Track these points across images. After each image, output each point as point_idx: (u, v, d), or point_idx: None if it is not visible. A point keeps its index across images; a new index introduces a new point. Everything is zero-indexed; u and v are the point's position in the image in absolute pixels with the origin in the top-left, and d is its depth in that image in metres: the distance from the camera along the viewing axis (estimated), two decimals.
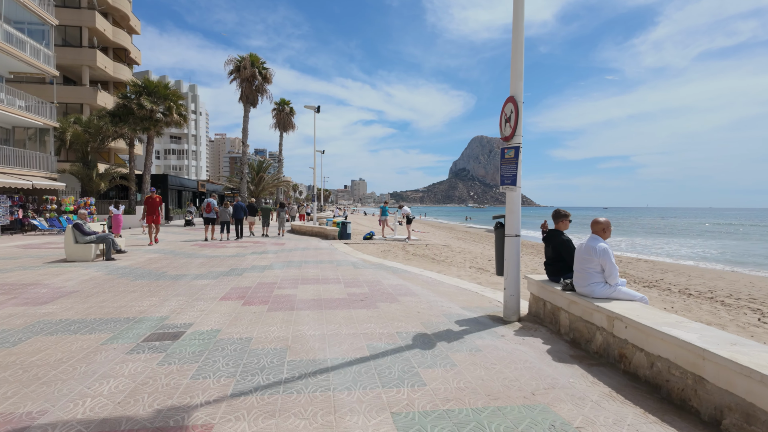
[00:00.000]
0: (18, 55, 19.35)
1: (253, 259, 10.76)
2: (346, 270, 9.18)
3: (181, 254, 11.81)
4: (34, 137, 22.42)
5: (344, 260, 10.79)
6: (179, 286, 7.25)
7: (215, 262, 10.14)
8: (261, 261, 10.48)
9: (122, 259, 10.68)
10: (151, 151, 25.76)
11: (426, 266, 10.64)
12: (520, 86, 5.15)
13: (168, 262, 10.21)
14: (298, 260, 10.70)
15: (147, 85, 24.72)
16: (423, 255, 13.20)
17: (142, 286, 7.23)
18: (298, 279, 8.01)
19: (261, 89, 29.25)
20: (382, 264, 10.21)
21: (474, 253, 15.19)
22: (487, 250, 17.37)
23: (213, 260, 10.53)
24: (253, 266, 9.58)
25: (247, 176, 31.98)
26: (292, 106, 48.78)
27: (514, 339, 4.53)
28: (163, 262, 10.05)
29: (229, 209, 17.54)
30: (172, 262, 10.08)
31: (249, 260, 10.60)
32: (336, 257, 11.38)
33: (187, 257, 11.11)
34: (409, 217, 18.06)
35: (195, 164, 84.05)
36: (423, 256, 13.02)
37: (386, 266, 9.84)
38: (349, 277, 8.23)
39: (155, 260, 10.41)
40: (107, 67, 31.34)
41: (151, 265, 9.67)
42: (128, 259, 10.57)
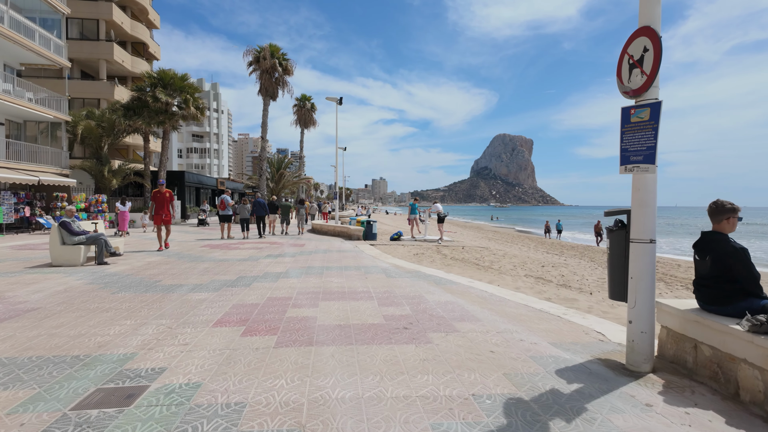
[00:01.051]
0: (26, 44, 18.37)
1: (267, 264, 9.18)
2: (377, 279, 7.49)
3: (186, 257, 10.34)
4: (45, 132, 21.53)
5: (373, 266, 9.11)
6: (168, 301, 5.69)
7: (222, 268, 8.60)
8: (276, 267, 8.89)
9: (117, 262, 9.26)
10: (166, 147, 24.66)
11: (472, 274, 8.87)
12: (658, 11, 3.35)
13: (167, 267, 8.72)
14: (319, 266, 9.08)
15: (162, 77, 23.61)
16: (463, 259, 11.41)
17: (122, 301, 5.69)
18: (318, 292, 6.36)
19: (281, 81, 27.85)
20: (418, 271, 8.48)
21: (520, 257, 13.29)
22: (533, 253, 15.43)
23: (220, 265, 9.00)
24: (265, 274, 7.99)
25: (266, 173, 30.69)
26: (313, 102, 47.58)
27: (670, 412, 2.74)
28: (161, 268, 8.56)
29: (248, 206, 16.55)
30: (172, 268, 8.58)
31: (262, 265, 9.02)
32: (363, 262, 9.71)
33: (191, 261, 9.61)
34: (440, 215, 16.27)
35: (217, 163, 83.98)
36: (463, 260, 11.23)
37: (425, 274, 8.11)
38: (382, 290, 6.53)
39: (153, 265, 8.93)
40: (125, 62, 30.51)
41: (145, 271, 8.18)
42: (123, 263, 9.13)
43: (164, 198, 11.79)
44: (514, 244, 21.85)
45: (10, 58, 19.83)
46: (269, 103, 28.01)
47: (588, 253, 19.36)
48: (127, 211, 18.43)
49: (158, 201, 11.77)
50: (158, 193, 11.91)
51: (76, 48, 28.95)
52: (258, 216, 16.50)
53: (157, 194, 11.90)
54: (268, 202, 18.19)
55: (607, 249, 3.91)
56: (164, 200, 11.76)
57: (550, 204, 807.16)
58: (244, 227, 16.57)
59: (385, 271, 8.49)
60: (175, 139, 77.73)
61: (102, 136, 22.56)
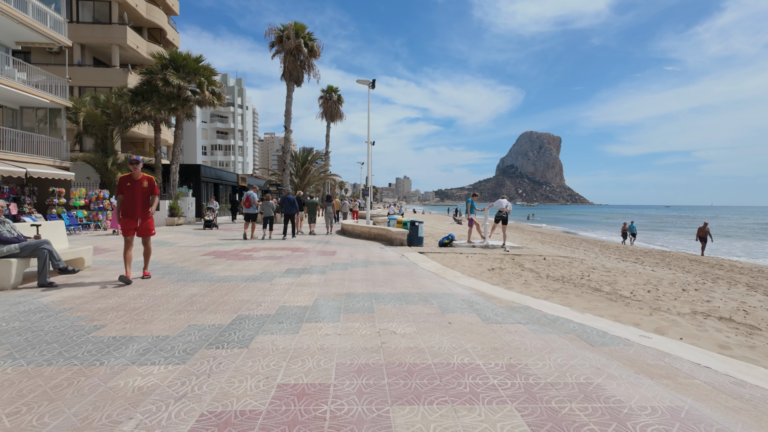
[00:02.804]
0: (15, 15, 15.91)
1: (285, 289, 6.09)
2: (470, 329, 4.28)
3: (173, 273, 7.37)
4: (44, 120, 19.18)
5: (446, 294, 5.89)
6: (71, 397, 2.61)
7: (215, 297, 5.55)
8: (297, 295, 5.78)
9: (69, 282, 6.34)
10: (179, 137, 22.06)
11: (614, 312, 5.54)
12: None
13: (133, 295, 5.72)
14: (364, 292, 5.93)
15: (174, 58, 20.98)
16: (567, 280, 8.02)
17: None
18: (377, 368, 3.20)
19: (307, 64, 24.89)
20: (527, 307, 5.22)
21: (630, 272, 9.68)
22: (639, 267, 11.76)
23: (215, 291, 5.95)
24: (280, 311, 4.89)
25: (290, 167, 27.86)
26: (340, 94, 44.88)
27: None
28: (122, 297, 5.56)
29: (271, 203, 14.53)
30: (140, 296, 5.58)
31: (277, 291, 5.94)
32: (426, 285, 6.51)
33: (176, 281, 6.61)
34: (503, 215, 12.92)
35: (242, 160, 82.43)
36: (570, 282, 7.83)
37: (546, 316, 4.84)
38: (503, 366, 3.31)
39: (114, 291, 5.95)
40: (139, 47, 28.20)
41: (93, 304, 5.19)
42: (74, 286, 6.19)
43: (139, 189, 6.61)
44: (589, 250, 18.22)
45: (3, 35, 17.49)
46: (293, 88, 25.09)
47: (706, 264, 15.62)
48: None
49: (129, 194, 6.58)
50: (128, 180, 6.59)
51: (87, 32, 26.83)
52: (287, 215, 14.94)
53: (127, 183, 6.56)
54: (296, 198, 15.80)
55: None
56: (139, 193, 6.61)
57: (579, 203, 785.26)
58: (267, 225, 14.79)
59: (472, 305, 5.26)
60: (199, 136, 76.46)
61: (108, 125, 20.09)
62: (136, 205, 6.62)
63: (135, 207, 6.62)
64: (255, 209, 14.60)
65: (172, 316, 4.63)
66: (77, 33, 26.56)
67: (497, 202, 13.12)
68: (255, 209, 14.60)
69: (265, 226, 14.84)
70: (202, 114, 77.43)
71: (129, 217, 6.62)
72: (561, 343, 3.89)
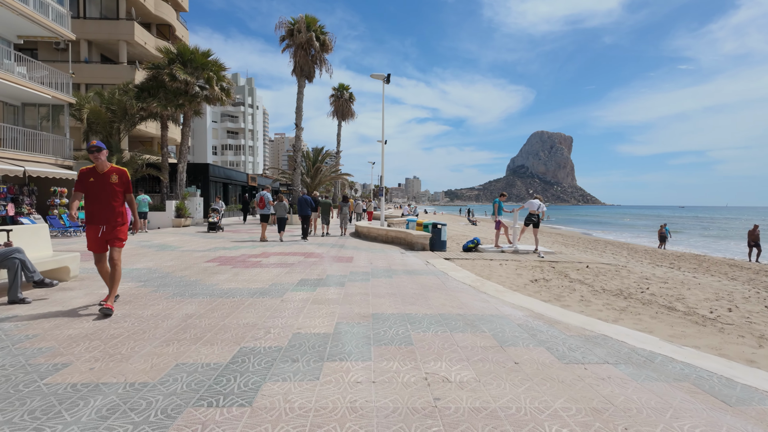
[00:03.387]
0: (14, 6, 15.14)
1: (298, 308, 5.07)
2: (547, 372, 3.22)
3: (170, 284, 6.40)
4: (47, 117, 18.46)
5: (496, 317, 4.83)
6: None
7: (214, 320, 4.55)
8: (313, 316, 4.76)
9: (48, 298, 5.39)
10: (187, 134, 21.23)
11: (712, 342, 4.43)
12: None
13: (117, 316, 4.75)
14: (393, 313, 4.89)
15: (181, 53, 20.14)
16: (630, 294, 6.88)
17: None
18: None
19: (318, 59, 23.91)
20: (605, 337, 4.13)
21: (687, 283, 8.50)
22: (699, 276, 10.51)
23: (216, 309, 4.96)
24: (293, 340, 3.87)
25: (301, 166, 26.95)
26: (352, 92, 43.99)
27: None
28: (104, 319, 4.58)
29: (285, 204, 14.00)
30: (123, 319, 4.61)
31: (289, 311, 4.92)
32: (467, 303, 5.44)
33: (171, 296, 5.62)
34: (534, 218, 11.81)
35: (252, 160, 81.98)
36: (632, 296, 6.69)
37: (636, 351, 3.74)
38: None
39: (96, 312, 4.98)
40: (147, 44, 27.48)
41: (69, 326, 4.22)
42: (54, 300, 5.24)
43: (106, 186, 4.83)
44: (618, 254, 16.98)
45: (3, 28, 16.77)
46: (305, 84, 24.15)
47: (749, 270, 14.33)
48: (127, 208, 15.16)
49: (93, 193, 4.82)
50: (91, 174, 4.84)
51: (94, 28, 26.18)
52: (303, 215, 14.45)
53: (89, 177, 4.83)
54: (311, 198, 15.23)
55: None
56: (106, 191, 4.83)
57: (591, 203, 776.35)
58: (281, 227, 14.23)
59: (534, 333, 4.19)
60: (209, 136, 76.12)
61: (113, 122, 19.31)
62: (102, 207, 4.82)
63: (101, 210, 4.82)
64: (269, 210, 14.20)
65: (158, 348, 3.63)
66: (84, 29, 25.91)
67: (528, 203, 12.00)
68: (269, 210, 14.20)
69: (279, 228, 14.21)
70: (212, 114, 77.13)
71: (92, 223, 4.84)
72: (681, 398, 2.81)
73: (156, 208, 19.75)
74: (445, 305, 5.28)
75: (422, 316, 4.77)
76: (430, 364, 3.33)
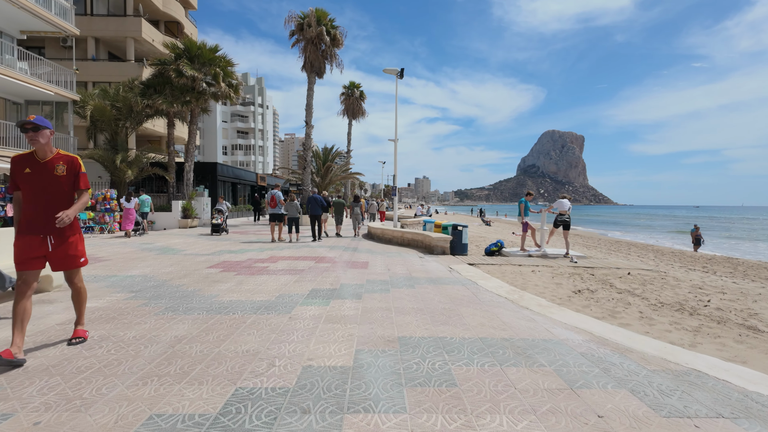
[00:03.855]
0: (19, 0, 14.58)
1: (309, 328, 4.25)
2: None
3: (165, 295, 5.63)
4: (51, 115, 17.92)
5: (551, 343, 3.96)
6: None
7: (207, 346, 3.74)
8: (327, 340, 3.93)
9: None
10: (194, 132, 20.59)
11: None
12: None
13: (93, 339, 3.97)
14: (423, 336, 4.04)
15: (189, 48, 19.50)
16: (695, 310, 5.92)
17: None
18: None
19: (329, 54, 23.11)
20: (699, 373, 3.25)
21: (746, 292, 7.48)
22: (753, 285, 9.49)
23: (209, 333, 4.15)
24: (303, 376, 3.04)
25: (311, 165, 26.22)
26: (362, 90, 43.30)
27: None
28: (69, 352, 3.80)
29: (296, 203, 13.90)
30: (99, 344, 3.82)
31: (297, 335, 4.09)
32: (509, 322, 4.57)
33: (162, 313, 4.84)
34: (565, 219, 10.89)
35: (262, 160, 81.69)
36: (700, 312, 5.72)
37: (749, 396, 2.86)
38: None
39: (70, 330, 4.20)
40: (155, 41, 26.97)
41: (31, 354, 3.45)
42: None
43: (47, 176, 3.40)
44: (645, 256, 15.94)
45: (5, 23, 16.24)
46: (315, 80, 23.38)
47: None
48: (133, 209, 14.78)
49: (29, 185, 3.40)
50: (27, 163, 3.37)
51: (101, 25, 25.75)
52: (313, 215, 14.13)
53: (25, 168, 3.36)
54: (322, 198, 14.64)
55: None
56: (45, 183, 3.41)
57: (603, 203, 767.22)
58: (292, 228, 13.87)
59: (607, 368, 3.32)
60: (219, 136, 75.96)
61: (118, 120, 18.72)
62: (43, 209, 3.41)
63: (42, 213, 3.42)
64: (280, 209, 13.78)
65: (132, 389, 2.83)
66: (91, 26, 25.51)
67: (558, 203, 11.09)
68: (280, 209, 13.78)
69: (290, 229, 13.81)
70: (222, 114, 76.97)
71: (31, 232, 3.42)
72: None
73: (162, 209, 19.13)
74: (484, 325, 4.42)
75: (459, 341, 3.92)
76: (486, 419, 2.48)
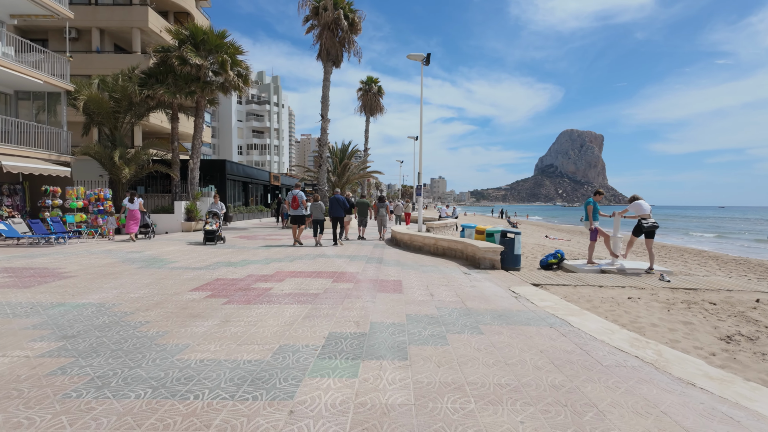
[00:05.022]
0: None
1: None
2: None
3: (103, 349, 3.64)
4: (44, 107, 16.33)
5: None
6: None
7: None
8: None
9: None
10: (200, 126, 18.80)
11: None
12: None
13: None
14: None
15: (194, 34, 17.72)
16: None
17: None
18: None
19: (347, 41, 21.08)
20: None
21: None
22: None
23: None
24: None
25: (327, 163, 24.28)
26: (381, 86, 41.33)
27: None
28: None
29: (321, 204, 12.84)
30: None
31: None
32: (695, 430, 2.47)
33: (75, 396, 2.82)
34: (649, 225, 8.65)
35: (278, 160, 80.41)
36: None
37: None
38: None
39: None
40: (162, 31, 25.34)
41: None
42: None
43: None
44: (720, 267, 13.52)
45: None
46: (331, 70, 21.39)
47: None
48: (137, 210, 13.15)
49: None
50: None
51: (106, 15, 24.26)
52: (334, 217, 12.94)
53: None
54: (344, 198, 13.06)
55: None
56: None
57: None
58: (317, 231, 12.66)
59: None
60: (234, 135, 74.91)
61: (117, 112, 17.03)
62: None
63: None
64: (303, 210, 12.66)
65: None
66: (95, 16, 24.06)
67: (635, 205, 8.86)
68: (303, 210, 12.66)
69: (315, 232, 12.66)
70: (237, 113, 75.89)
71: None
72: None
73: (164, 210, 17.40)
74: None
75: None
76: None
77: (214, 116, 72.44)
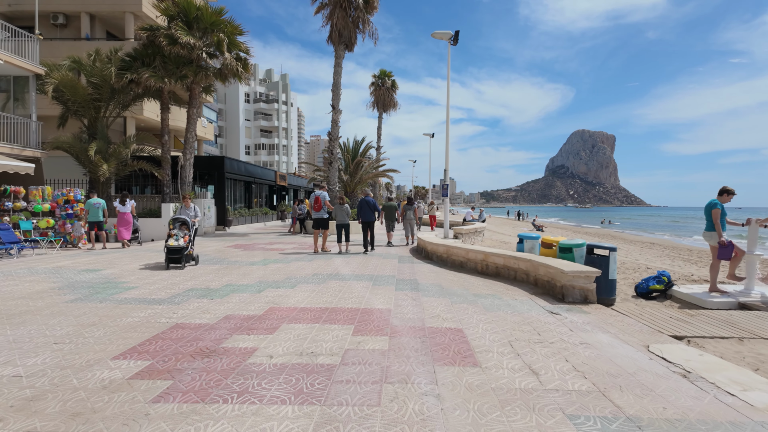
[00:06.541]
0: None
1: None
2: None
3: None
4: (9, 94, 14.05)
5: None
6: None
7: None
8: None
9: None
10: (193, 118, 16.41)
11: None
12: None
13: None
14: None
15: (186, 10, 15.36)
16: None
17: None
18: None
19: (362, 20, 18.56)
20: None
21: None
22: None
23: None
24: None
25: (338, 160, 21.80)
26: (394, 79, 39.05)
27: None
28: None
29: (346, 207, 11.72)
30: None
31: None
32: None
33: None
34: None
35: (286, 160, 78.28)
36: None
37: None
38: None
39: None
40: (158, 17, 23.11)
41: None
42: None
43: None
44: None
45: None
46: (343, 54, 18.87)
47: None
48: (129, 213, 11.36)
49: None
50: None
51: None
52: (365, 222, 11.84)
53: None
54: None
55: None
56: None
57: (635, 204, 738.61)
58: (341, 237, 11.60)
59: None
60: (242, 135, 72.90)
61: (96, 101, 14.71)
62: None
63: None
64: (325, 213, 11.49)
65: None
66: (85, 0, 21.92)
67: None
68: (325, 213, 11.49)
69: (340, 238, 11.59)
70: (245, 112, 73.91)
71: None
72: None
73: (151, 214, 15.03)
74: None
75: None
76: None
77: (221, 115, 70.50)
